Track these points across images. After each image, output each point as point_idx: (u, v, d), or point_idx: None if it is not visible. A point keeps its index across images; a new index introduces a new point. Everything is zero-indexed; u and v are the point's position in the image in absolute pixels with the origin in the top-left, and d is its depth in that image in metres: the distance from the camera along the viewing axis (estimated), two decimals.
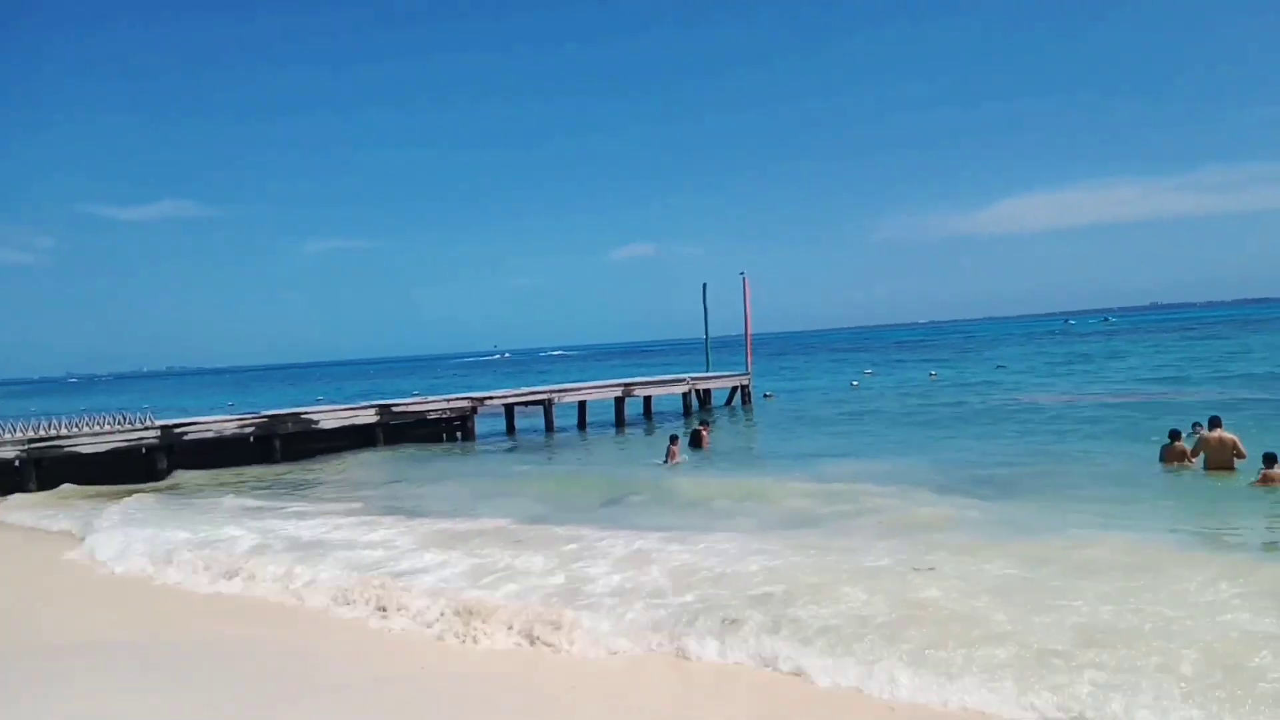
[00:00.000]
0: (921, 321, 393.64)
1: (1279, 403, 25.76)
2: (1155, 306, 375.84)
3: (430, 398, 31.43)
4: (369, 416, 27.89)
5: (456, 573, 11.20)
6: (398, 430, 28.51)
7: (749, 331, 37.02)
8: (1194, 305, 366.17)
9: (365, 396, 43.84)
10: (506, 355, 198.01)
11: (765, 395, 38.89)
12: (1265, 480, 13.86)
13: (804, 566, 10.17)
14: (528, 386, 36.65)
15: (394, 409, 28.68)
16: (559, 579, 10.55)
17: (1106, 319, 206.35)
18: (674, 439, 21.96)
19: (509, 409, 32.40)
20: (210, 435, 25.29)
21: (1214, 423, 16.08)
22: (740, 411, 34.48)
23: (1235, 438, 15.44)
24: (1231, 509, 13.16)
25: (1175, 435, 16.60)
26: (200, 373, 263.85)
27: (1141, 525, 11.90)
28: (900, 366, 61.94)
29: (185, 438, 24.83)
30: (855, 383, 45.54)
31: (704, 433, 23.98)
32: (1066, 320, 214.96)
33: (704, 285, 37.41)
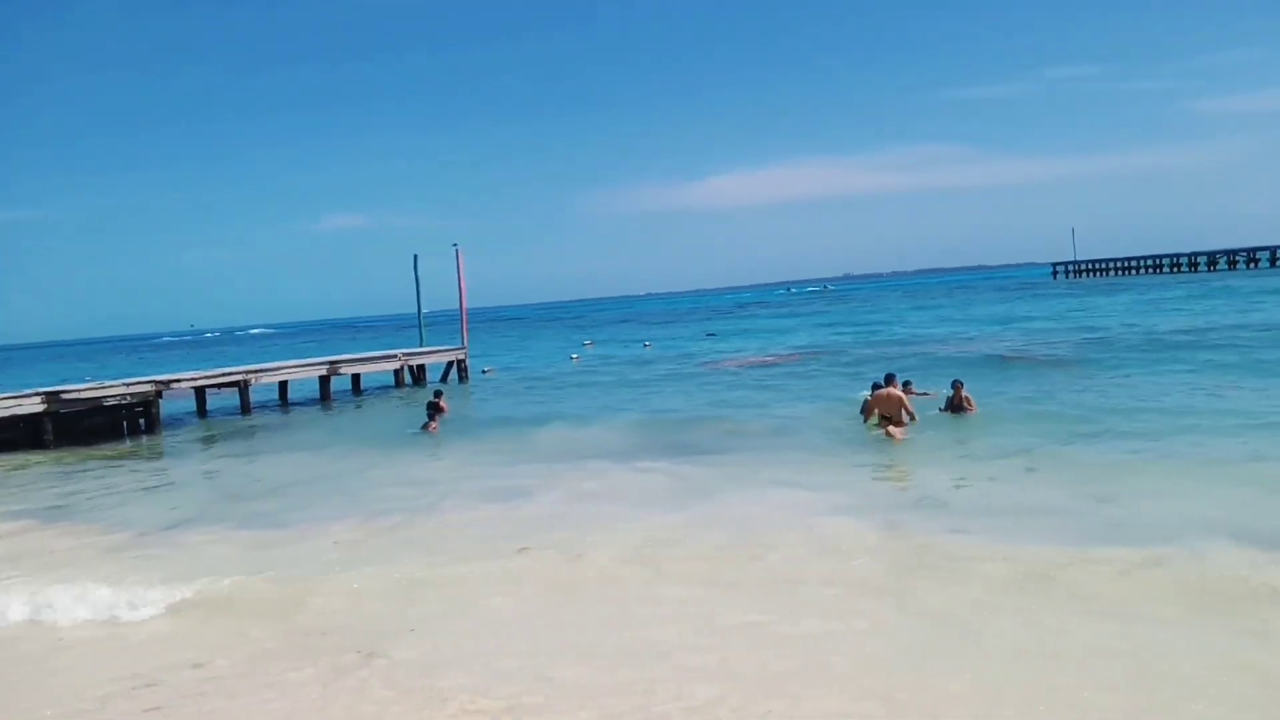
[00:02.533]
0: (640, 294, 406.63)
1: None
2: (848, 277, 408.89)
3: (108, 382, 28.03)
4: (33, 405, 24.20)
5: None
6: (69, 421, 25.25)
7: (464, 305, 36.20)
8: (881, 276, 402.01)
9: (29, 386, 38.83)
10: (212, 335, 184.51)
11: (484, 371, 38.30)
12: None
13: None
14: (220, 367, 33.87)
15: (63, 396, 25.06)
16: None
17: (825, 287, 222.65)
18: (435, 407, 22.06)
19: (199, 392, 29.71)
20: None
21: (889, 380, 17.25)
22: (458, 387, 33.72)
23: (903, 395, 16.67)
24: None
25: (878, 387, 17.48)
26: None
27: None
28: (619, 337, 63.31)
29: None
30: (575, 356, 45.88)
31: (440, 403, 23.36)
32: (789, 289, 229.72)
33: (415, 257, 36.27)
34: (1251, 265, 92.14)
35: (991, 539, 9.27)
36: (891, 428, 15.87)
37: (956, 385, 17.65)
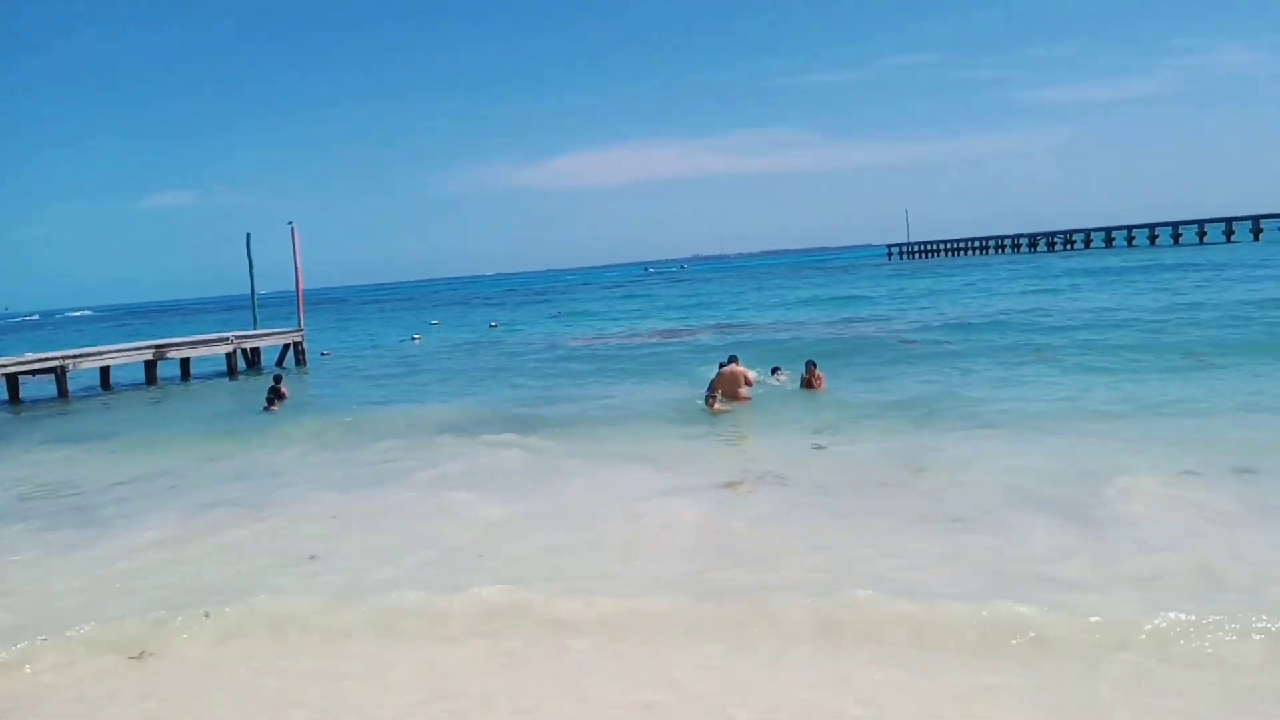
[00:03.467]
0: (489, 274, 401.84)
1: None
2: (696, 259, 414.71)
3: None
4: None
5: None
6: None
7: (300, 285, 34.69)
8: (728, 257, 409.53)
9: None
10: (29, 318, 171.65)
11: (322, 353, 36.97)
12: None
13: None
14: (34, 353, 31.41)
15: None
16: None
17: (682, 267, 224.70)
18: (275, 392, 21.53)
19: (11, 379, 27.50)
20: None
21: (732, 360, 17.53)
22: (295, 371, 32.33)
23: (745, 371, 17.11)
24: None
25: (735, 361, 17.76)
26: None
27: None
28: (465, 318, 62.25)
29: None
30: (417, 337, 44.80)
31: (281, 387, 22.38)
32: (647, 269, 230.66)
33: (248, 236, 34.51)
34: (1068, 247, 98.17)
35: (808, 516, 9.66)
36: (718, 404, 16.37)
37: (809, 365, 18.21)
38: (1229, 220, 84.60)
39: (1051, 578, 7.25)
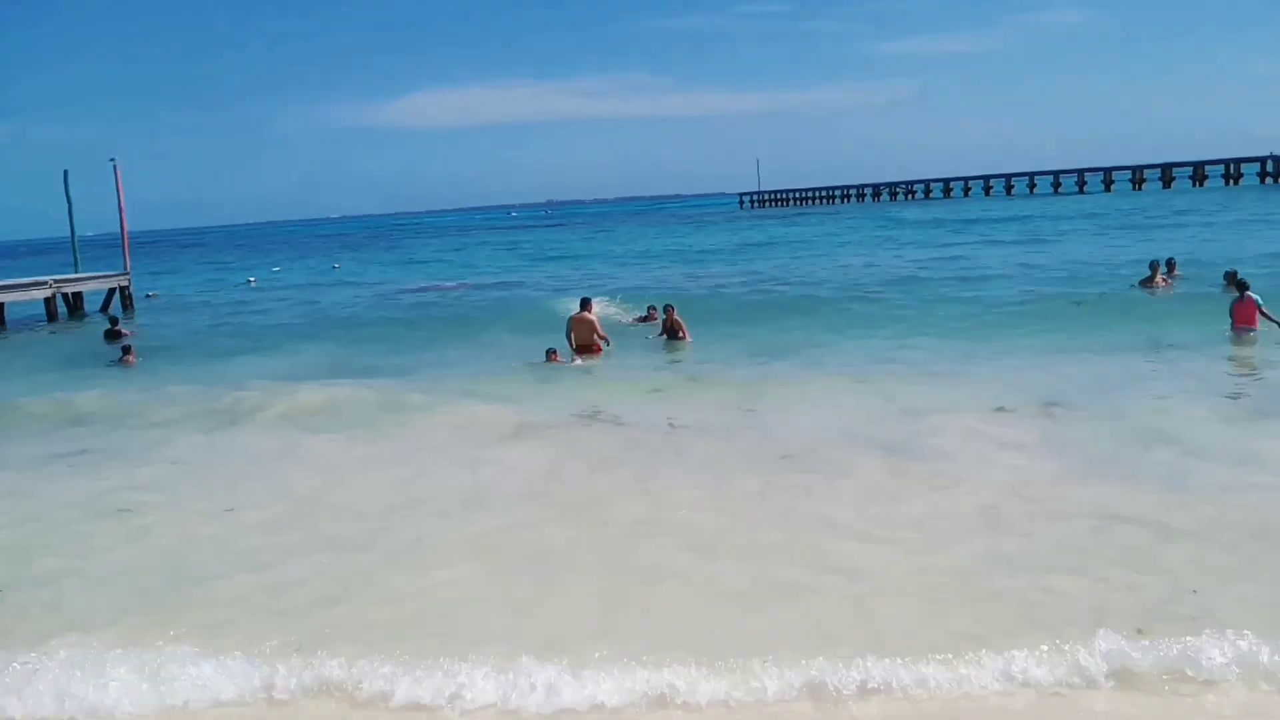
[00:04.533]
0: (334, 216, 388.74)
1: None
2: (552, 204, 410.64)
3: None
4: None
5: None
6: None
7: (125, 226, 32.73)
8: (584, 202, 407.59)
9: None
10: None
11: (148, 295, 35.11)
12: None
13: None
14: None
15: None
16: None
17: (547, 212, 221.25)
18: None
19: None
20: None
21: (584, 305, 17.44)
22: (122, 316, 30.52)
23: (594, 320, 17.03)
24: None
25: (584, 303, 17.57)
26: None
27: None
28: (306, 261, 60.12)
29: None
30: (252, 279, 43.07)
31: (121, 330, 21.99)
32: (510, 212, 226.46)
33: (65, 173, 32.16)
34: (909, 197, 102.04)
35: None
36: (559, 357, 16.01)
37: (668, 309, 18.25)
38: (1056, 173, 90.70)
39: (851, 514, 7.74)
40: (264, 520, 8.32)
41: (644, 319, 19.53)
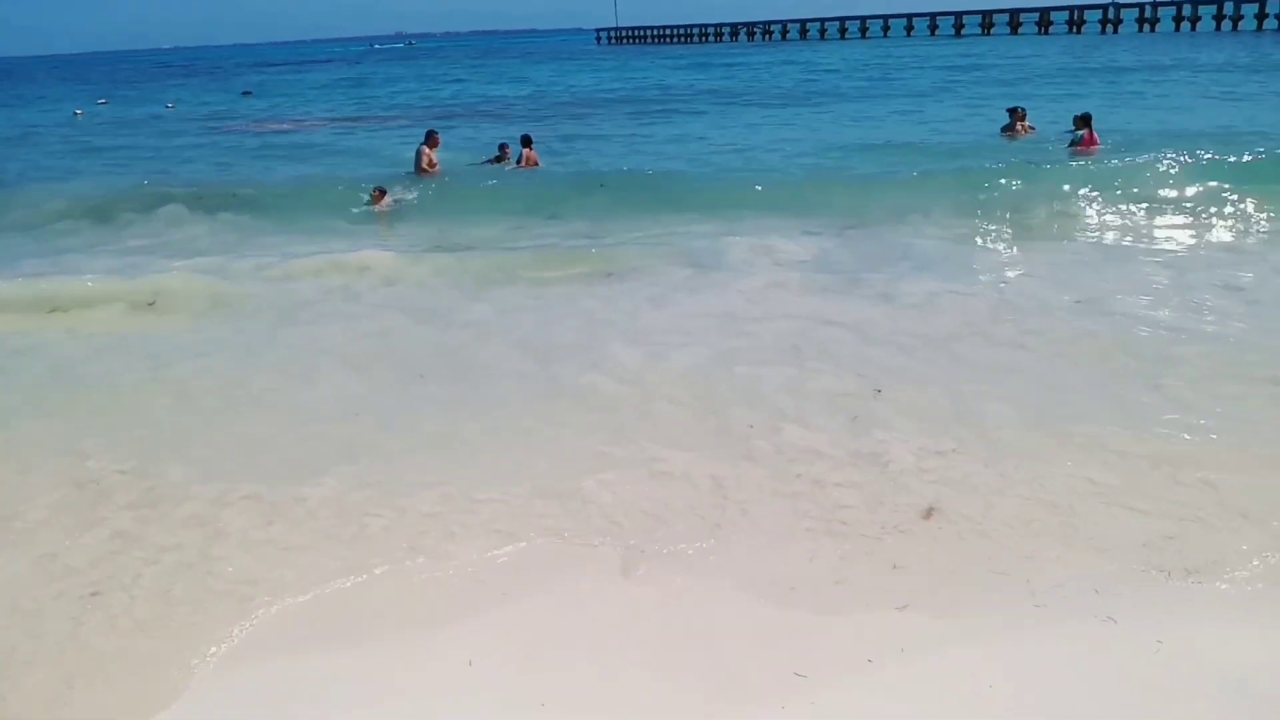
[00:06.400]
0: (165, 47, 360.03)
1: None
2: (401, 35, 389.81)
3: None
4: None
5: None
6: None
7: None
8: (435, 35, 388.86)
9: None
10: None
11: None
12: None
13: None
14: None
15: None
16: None
17: (410, 43, 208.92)
18: None
19: None
20: None
21: (430, 136, 17.77)
22: None
23: (432, 152, 17.44)
24: None
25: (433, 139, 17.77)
26: None
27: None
28: (138, 93, 56.51)
29: None
30: (79, 111, 40.63)
31: None
32: (372, 45, 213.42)
33: None
34: (766, 38, 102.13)
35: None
36: (387, 200, 15.58)
37: (524, 139, 18.43)
38: (910, 16, 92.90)
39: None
40: None
41: (496, 160, 19.07)
